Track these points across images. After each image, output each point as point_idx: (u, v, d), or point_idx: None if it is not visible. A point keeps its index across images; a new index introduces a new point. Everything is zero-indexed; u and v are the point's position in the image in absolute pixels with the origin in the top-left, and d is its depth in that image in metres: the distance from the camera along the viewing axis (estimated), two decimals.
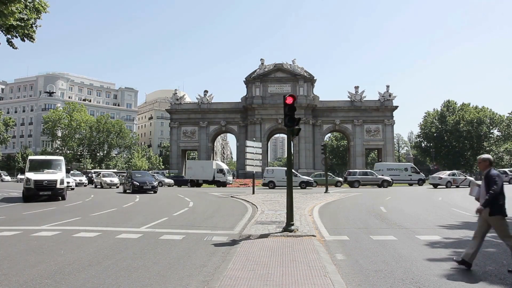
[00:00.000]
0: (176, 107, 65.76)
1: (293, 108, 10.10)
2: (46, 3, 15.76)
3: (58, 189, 20.34)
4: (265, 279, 5.57)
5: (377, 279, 5.85)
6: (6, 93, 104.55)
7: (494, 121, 78.28)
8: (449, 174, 36.86)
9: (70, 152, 76.68)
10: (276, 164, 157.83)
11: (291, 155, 11.08)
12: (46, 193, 20.00)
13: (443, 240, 9.01)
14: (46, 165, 21.96)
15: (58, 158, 23.64)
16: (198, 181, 43.07)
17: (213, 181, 42.61)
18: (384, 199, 21.76)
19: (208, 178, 42.77)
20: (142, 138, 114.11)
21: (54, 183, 20.20)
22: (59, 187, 20.35)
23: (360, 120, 62.68)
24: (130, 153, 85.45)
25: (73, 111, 76.27)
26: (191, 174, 44.07)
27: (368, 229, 10.60)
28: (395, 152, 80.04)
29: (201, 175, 43.11)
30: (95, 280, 5.72)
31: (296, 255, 7.12)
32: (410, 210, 15.82)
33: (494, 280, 5.76)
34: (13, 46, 15.90)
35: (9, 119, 79.32)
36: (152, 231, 10.37)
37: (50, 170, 21.26)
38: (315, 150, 60.99)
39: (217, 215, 14.32)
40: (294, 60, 63.97)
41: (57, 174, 20.79)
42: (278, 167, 43.21)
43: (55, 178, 20.43)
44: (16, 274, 6.02)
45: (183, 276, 5.95)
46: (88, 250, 7.89)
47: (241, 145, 58.56)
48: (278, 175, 37.61)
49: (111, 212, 15.13)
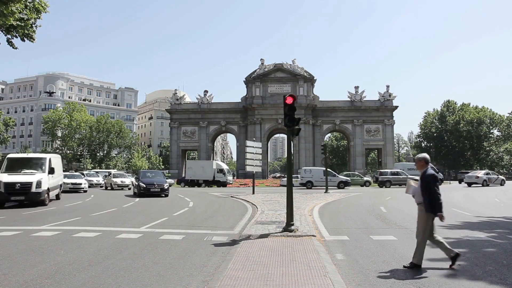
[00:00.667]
0: (176, 107, 65.74)
1: (293, 108, 10.09)
2: (46, 3, 15.74)
3: (34, 193, 16.76)
4: (265, 279, 5.57)
5: (377, 279, 5.85)
6: (6, 93, 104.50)
7: (494, 121, 78.28)
8: (484, 173, 39.60)
9: (70, 152, 76.68)
10: (276, 164, 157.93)
11: (291, 155, 11.07)
12: (18, 198, 16.68)
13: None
14: (25, 164, 18.57)
15: (41, 156, 19.70)
16: (198, 181, 43.12)
17: (213, 181, 42.65)
18: (384, 199, 21.77)
19: (208, 178, 42.83)
20: (142, 138, 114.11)
21: (28, 186, 16.68)
22: (35, 191, 16.74)
23: (360, 120, 62.67)
24: (130, 153, 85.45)
25: (73, 111, 76.26)
26: (191, 174, 44.13)
27: (368, 229, 10.60)
28: (395, 152, 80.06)
29: (201, 175, 43.15)
30: (95, 280, 5.72)
31: (296, 255, 7.11)
32: (410, 210, 15.79)
33: (494, 280, 5.76)
34: (13, 46, 15.88)
35: (9, 119, 79.26)
36: (152, 231, 10.36)
37: (29, 171, 17.87)
38: (315, 150, 61.00)
39: (217, 215, 14.32)
40: (294, 60, 63.98)
41: (34, 176, 17.28)
42: (315, 167, 43.82)
43: (30, 180, 16.87)
44: (16, 274, 6.01)
45: (183, 276, 5.95)
46: (88, 250, 7.89)
47: (241, 145, 58.55)
48: (316, 175, 38.33)
49: (111, 212, 15.13)
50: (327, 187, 29.87)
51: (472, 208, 16.57)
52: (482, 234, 9.78)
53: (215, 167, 43.69)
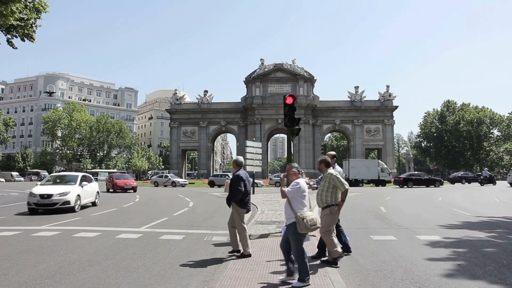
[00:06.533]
0: (176, 107, 65.71)
1: (293, 108, 10.08)
2: (46, 3, 15.73)
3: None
4: (265, 279, 5.57)
5: (377, 279, 5.85)
6: (6, 93, 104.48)
7: (494, 121, 78.23)
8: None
9: (70, 152, 76.69)
10: (276, 164, 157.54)
11: (291, 155, 11.07)
12: None
13: (443, 240, 9.00)
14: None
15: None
16: (363, 180, 42.34)
17: (378, 180, 42.55)
18: (384, 199, 21.77)
19: (373, 177, 42.72)
20: (142, 138, 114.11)
21: None
22: None
23: (360, 120, 62.66)
24: (130, 153, 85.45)
25: (73, 111, 76.26)
26: (355, 173, 42.51)
27: (368, 229, 10.60)
28: (395, 152, 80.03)
29: (366, 174, 42.67)
30: (95, 280, 5.72)
31: None
32: (410, 210, 15.83)
33: (494, 280, 5.76)
34: (13, 46, 15.87)
35: (9, 119, 79.29)
36: (152, 231, 10.36)
37: None
38: (315, 150, 60.96)
39: (217, 215, 14.30)
40: (294, 60, 63.98)
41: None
42: None
43: None
44: (16, 274, 6.01)
45: (183, 276, 5.95)
46: (88, 250, 7.88)
47: (241, 145, 58.50)
48: None
49: (111, 212, 15.12)
50: None
51: (472, 208, 16.57)
52: (482, 234, 9.78)
53: (379, 166, 43.67)
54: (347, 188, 6.43)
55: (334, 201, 6.47)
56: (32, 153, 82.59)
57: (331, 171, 6.55)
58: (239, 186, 7.06)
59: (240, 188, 7.05)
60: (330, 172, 6.51)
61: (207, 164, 64.54)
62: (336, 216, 6.55)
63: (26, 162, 79.10)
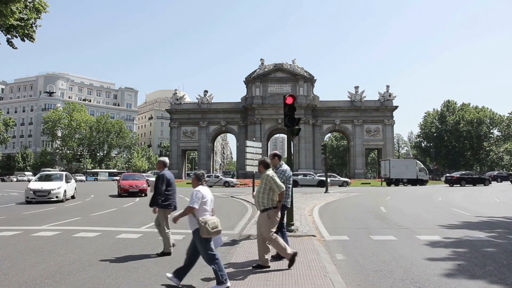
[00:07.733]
0: (176, 107, 65.74)
1: (293, 108, 10.07)
2: (46, 3, 15.75)
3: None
4: (265, 279, 5.58)
5: (377, 279, 5.85)
6: (6, 93, 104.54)
7: (494, 121, 78.24)
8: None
9: (70, 152, 76.74)
10: None
11: (291, 155, 11.06)
12: None
13: (443, 240, 9.00)
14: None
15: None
16: (403, 179, 42.84)
17: (416, 180, 42.79)
18: (384, 199, 21.77)
19: (412, 177, 42.96)
20: (142, 138, 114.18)
21: None
22: None
23: (360, 120, 62.69)
24: (130, 153, 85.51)
25: (73, 111, 76.32)
26: (396, 173, 43.05)
27: (368, 229, 10.60)
28: (395, 152, 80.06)
29: (405, 173, 43.07)
30: (95, 280, 5.72)
31: None
32: (410, 210, 15.83)
33: (494, 280, 5.76)
34: (13, 46, 15.89)
35: (9, 119, 79.35)
36: (152, 231, 10.33)
37: None
38: (315, 150, 61.00)
39: (217, 215, 14.27)
40: (294, 60, 64.02)
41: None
42: None
43: None
44: (16, 274, 6.01)
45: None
46: (88, 250, 7.88)
47: (241, 145, 58.55)
48: None
49: (111, 212, 15.12)
50: (327, 187, 29.85)
51: (472, 208, 16.57)
52: (482, 234, 9.78)
53: (417, 166, 44.29)
54: (282, 190, 6.11)
55: (271, 203, 6.13)
56: (32, 153, 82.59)
57: (268, 172, 6.22)
58: (160, 185, 7.55)
59: (160, 187, 7.51)
60: (267, 173, 6.19)
61: (207, 164, 64.54)
62: (274, 219, 6.22)
63: (26, 162, 79.09)
